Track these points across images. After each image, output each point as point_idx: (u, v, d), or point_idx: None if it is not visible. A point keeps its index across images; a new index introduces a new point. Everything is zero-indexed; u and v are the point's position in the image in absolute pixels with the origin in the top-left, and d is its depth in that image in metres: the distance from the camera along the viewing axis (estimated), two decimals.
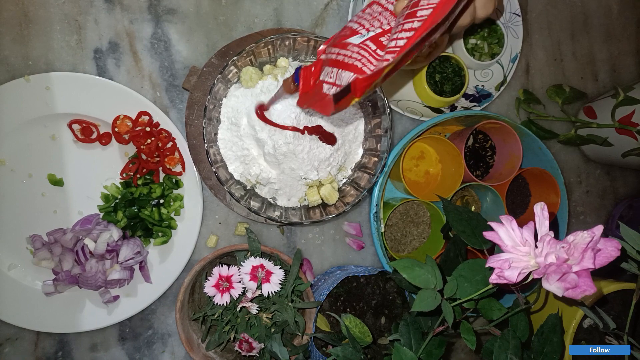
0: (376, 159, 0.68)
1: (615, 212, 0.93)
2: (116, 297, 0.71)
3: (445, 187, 0.78)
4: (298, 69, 0.54)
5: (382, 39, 0.48)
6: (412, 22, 0.43)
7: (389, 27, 0.49)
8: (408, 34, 0.42)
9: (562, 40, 0.91)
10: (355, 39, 0.50)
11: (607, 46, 0.93)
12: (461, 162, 0.74)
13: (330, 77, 0.49)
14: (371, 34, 0.49)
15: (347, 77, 0.47)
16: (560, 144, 0.91)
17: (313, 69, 0.53)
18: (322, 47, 0.55)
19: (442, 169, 0.82)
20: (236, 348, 0.65)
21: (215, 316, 0.65)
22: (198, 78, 0.70)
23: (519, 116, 0.88)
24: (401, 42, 0.43)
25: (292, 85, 0.55)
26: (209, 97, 0.63)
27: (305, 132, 0.64)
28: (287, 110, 0.63)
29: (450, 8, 0.41)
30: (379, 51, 0.47)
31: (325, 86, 0.49)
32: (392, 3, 0.52)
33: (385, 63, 0.42)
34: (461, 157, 0.74)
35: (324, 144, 0.66)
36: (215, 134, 0.66)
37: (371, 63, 0.46)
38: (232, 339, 0.66)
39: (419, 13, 0.43)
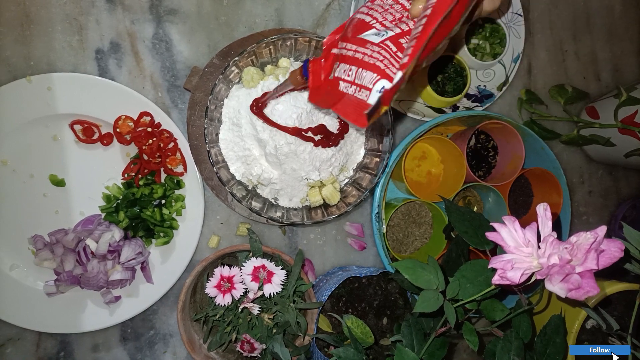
0: (378, 159, 0.68)
1: (618, 212, 0.92)
2: (118, 298, 0.71)
3: (447, 188, 0.78)
4: (306, 62, 0.52)
5: (402, 40, 0.46)
6: (422, 19, 0.42)
7: (407, 28, 0.47)
8: (419, 32, 0.41)
9: (565, 39, 0.90)
10: (373, 37, 0.47)
11: (609, 46, 0.93)
12: (463, 162, 0.74)
13: (348, 75, 0.47)
14: (390, 33, 0.47)
15: (369, 77, 0.45)
16: (563, 144, 0.91)
17: (323, 61, 0.51)
18: (328, 39, 0.53)
19: (444, 169, 0.82)
20: (238, 349, 0.65)
21: (217, 317, 0.65)
22: (199, 78, 0.70)
23: (521, 116, 0.88)
24: (413, 42, 0.42)
25: (300, 77, 0.54)
26: (210, 97, 0.63)
27: (309, 132, 0.64)
28: (289, 111, 0.63)
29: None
30: (399, 53, 0.45)
31: (342, 84, 0.47)
32: None
33: (400, 73, 0.41)
34: (463, 158, 0.74)
35: None
36: (217, 135, 0.66)
37: (393, 65, 0.45)
38: (233, 339, 0.65)
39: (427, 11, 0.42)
